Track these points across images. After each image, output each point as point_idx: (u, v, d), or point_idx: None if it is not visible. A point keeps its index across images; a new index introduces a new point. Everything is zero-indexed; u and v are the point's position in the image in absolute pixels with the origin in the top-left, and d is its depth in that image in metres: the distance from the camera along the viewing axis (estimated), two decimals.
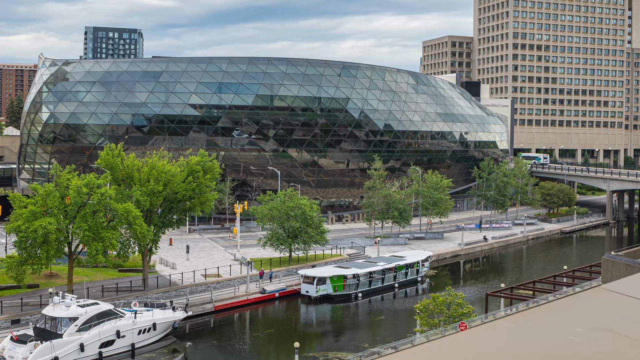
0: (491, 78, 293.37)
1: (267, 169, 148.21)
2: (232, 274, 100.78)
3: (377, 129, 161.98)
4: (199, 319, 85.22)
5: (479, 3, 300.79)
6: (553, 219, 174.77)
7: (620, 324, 9.32)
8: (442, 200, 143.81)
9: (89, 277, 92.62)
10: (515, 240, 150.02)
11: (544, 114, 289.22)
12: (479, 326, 10.35)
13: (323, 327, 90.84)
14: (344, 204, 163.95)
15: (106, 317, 70.00)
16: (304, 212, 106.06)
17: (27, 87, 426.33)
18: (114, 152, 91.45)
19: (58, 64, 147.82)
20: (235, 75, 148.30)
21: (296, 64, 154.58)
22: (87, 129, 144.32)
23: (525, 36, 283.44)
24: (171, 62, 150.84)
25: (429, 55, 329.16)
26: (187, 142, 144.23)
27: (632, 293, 10.98)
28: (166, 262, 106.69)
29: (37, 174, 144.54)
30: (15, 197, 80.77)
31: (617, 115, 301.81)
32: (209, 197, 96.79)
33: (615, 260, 48.33)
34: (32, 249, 77.57)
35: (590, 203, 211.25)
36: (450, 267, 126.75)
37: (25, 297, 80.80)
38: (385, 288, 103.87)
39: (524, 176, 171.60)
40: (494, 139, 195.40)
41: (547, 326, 9.16)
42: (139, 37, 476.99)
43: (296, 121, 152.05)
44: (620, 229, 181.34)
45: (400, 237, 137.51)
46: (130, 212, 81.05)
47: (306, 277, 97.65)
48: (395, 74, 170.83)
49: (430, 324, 66.75)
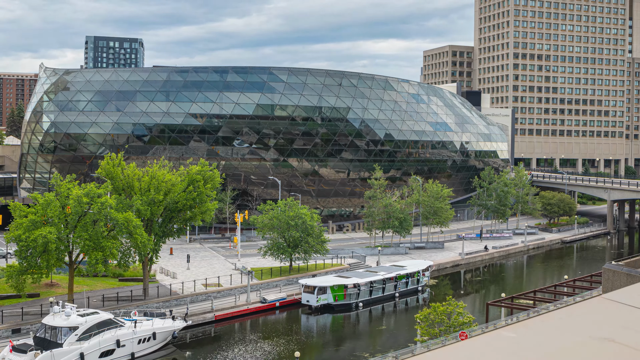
0: (492, 87, 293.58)
1: (268, 179, 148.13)
2: (232, 283, 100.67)
3: (377, 139, 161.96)
4: (199, 328, 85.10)
5: (480, 13, 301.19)
6: (554, 229, 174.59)
7: (621, 334, 9.30)
8: (443, 209, 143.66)
9: (89, 286, 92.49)
10: (515, 250, 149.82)
11: (544, 124, 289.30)
12: (479, 336, 10.33)
13: (324, 336, 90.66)
14: (345, 214, 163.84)
15: (106, 327, 69.90)
16: (305, 221, 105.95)
17: (28, 96, 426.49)
18: (115, 161, 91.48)
19: (59, 73, 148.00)
20: (236, 84, 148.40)
21: (297, 73, 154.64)
22: (87, 139, 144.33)
23: (526, 46, 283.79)
24: (172, 72, 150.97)
25: (430, 64, 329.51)
26: (187, 152, 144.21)
27: (633, 303, 10.96)
28: (167, 271, 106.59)
29: (38, 183, 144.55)
30: (15, 207, 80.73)
31: (617, 125, 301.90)
32: (209, 207, 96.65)
33: (616, 270, 48.26)
34: (32, 258, 77.51)
35: (591, 213, 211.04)
36: (450, 276, 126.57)
37: (26, 307, 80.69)
38: (385, 298, 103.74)
39: (525, 186, 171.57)
40: (494, 148, 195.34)
41: (547, 336, 9.14)
42: (140, 47, 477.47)
43: (297, 130, 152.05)
44: (621, 239, 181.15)
45: (401, 246, 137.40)
46: (131, 222, 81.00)
47: (307, 286, 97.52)
48: (396, 83, 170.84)
49: (431, 334, 66.66)
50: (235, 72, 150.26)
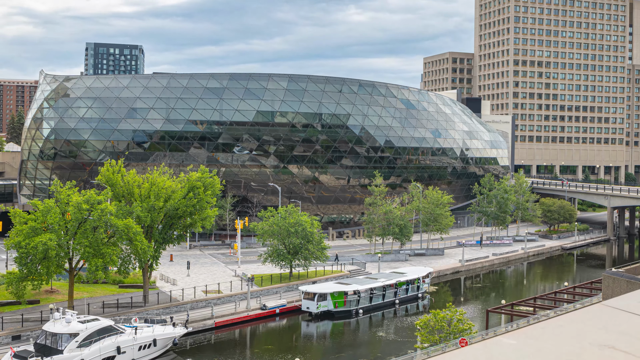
0: (492, 94, 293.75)
1: (268, 185, 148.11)
2: (232, 290, 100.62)
3: (377, 145, 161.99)
4: (199, 334, 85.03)
5: (480, 19, 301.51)
6: (554, 236, 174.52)
7: (622, 341, 9.31)
8: (443, 216, 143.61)
9: (89, 293, 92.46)
10: (515, 257, 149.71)
11: (544, 130, 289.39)
12: (479, 342, 10.33)
13: (324, 343, 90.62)
14: (345, 220, 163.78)
15: (107, 333, 69.84)
16: (305, 228, 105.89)
17: (28, 103, 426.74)
18: (115, 168, 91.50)
19: (59, 80, 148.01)
20: (236, 91, 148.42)
21: (297, 80, 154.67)
22: (87, 145, 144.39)
23: (526, 52, 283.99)
24: (172, 78, 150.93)
25: (430, 71, 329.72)
26: (187, 158, 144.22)
27: (633, 309, 10.96)
28: (167, 278, 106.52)
29: (38, 189, 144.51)
30: (15, 213, 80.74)
31: (617, 132, 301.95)
32: (209, 213, 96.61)
33: (616, 276, 48.25)
34: (32, 265, 77.47)
35: (591, 219, 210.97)
36: (450, 283, 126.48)
37: (26, 313, 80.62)
38: (386, 304, 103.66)
39: (525, 192, 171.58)
40: (494, 155, 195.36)
41: (547, 342, 9.15)
42: (140, 53, 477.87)
43: (297, 137, 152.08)
44: (621, 246, 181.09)
45: (401, 253, 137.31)
46: (131, 228, 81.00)
47: (307, 293, 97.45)
48: (396, 90, 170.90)
49: (431, 340, 66.65)
50: (235, 79, 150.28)
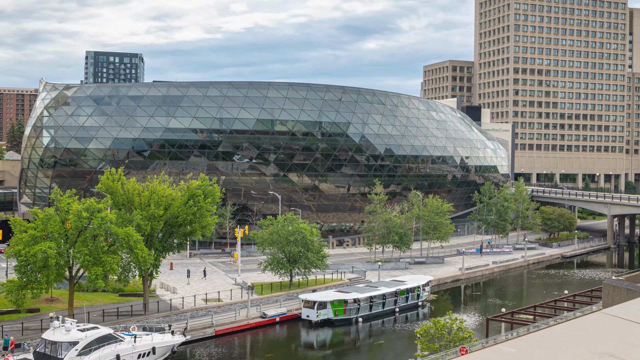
0: (492, 102, 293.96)
1: (268, 194, 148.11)
2: (232, 298, 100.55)
3: (377, 154, 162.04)
4: (200, 343, 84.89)
5: (480, 28, 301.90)
6: (554, 244, 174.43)
7: (621, 349, 9.32)
8: (443, 224, 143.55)
9: (89, 301, 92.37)
10: (516, 265, 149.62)
11: (544, 139, 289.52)
12: (479, 351, 10.33)
13: (324, 351, 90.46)
14: (345, 229, 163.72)
15: (106, 341, 69.72)
16: (304, 236, 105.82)
17: (28, 111, 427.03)
18: (115, 176, 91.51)
19: (59, 89, 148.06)
20: (236, 99, 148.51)
21: (297, 88, 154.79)
22: (87, 154, 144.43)
23: (526, 61, 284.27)
24: (172, 87, 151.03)
25: (430, 79, 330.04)
26: (187, 167, 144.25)
27: (633, 318, 10.97)
28: (167, 286, 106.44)
29: (38, 198, 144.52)
30: (15, 222, 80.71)
31: (617, 140, 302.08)
32: (209, 222, 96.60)
33: (616, 284, 48.21)
34: (32, 273, 77.39)
35: (591, 228, 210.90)
36: (451, 291, 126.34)
37: (26, 322, 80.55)
38: (386, 312, 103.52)
39: (525, 200, 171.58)
40: (494, 163, 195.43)
41: (548, 351, 9.16)
42: (140, 62, 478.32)
43: (297, 145, 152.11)
44: (621, 254, 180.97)
45: (401, 261, 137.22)
46: (131, 237, 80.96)
47: (307, 301, 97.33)
48: (396, 98, 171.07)
49: (431, 349, 66.54)
50: (235, 87, 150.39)
